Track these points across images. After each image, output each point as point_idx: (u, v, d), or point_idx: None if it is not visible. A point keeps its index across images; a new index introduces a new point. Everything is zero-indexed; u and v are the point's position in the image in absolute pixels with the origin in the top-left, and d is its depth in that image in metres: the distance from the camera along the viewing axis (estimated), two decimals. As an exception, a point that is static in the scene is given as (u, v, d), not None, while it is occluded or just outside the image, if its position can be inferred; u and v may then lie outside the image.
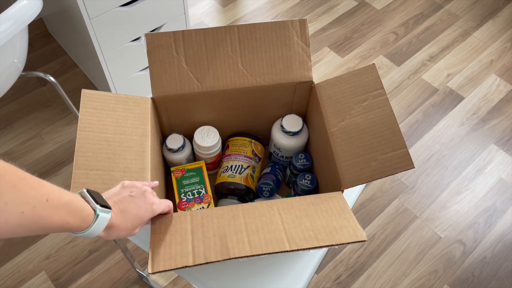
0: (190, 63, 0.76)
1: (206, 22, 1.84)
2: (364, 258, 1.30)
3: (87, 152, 0.65)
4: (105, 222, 0.50)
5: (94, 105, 0.69)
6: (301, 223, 0.61)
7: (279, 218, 0.61)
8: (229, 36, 0.77)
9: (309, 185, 0.81)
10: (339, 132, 0.72)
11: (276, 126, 0.86)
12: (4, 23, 0.93)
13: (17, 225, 0.41)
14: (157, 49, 0.75)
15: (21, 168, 0.42)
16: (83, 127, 0.66)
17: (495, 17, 1.90)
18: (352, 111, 0.73)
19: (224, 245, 0.57)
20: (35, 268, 1.25)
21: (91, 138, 0.66)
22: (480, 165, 1.49)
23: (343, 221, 0.62)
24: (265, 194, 0.84)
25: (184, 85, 0.76)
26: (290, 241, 0.58)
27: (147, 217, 0.57)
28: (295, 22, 0.79)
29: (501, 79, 1.70)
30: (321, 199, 0.66)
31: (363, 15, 1.89)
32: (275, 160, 0.90)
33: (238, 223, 0.60)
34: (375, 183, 1.44)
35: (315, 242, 0.58)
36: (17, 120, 1.53)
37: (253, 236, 0.59)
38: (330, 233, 0.60)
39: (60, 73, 1.64)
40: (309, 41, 0.79)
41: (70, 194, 0.48)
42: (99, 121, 0.68)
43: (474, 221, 1.38)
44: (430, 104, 1.63)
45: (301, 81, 0.78)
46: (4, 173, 0.40)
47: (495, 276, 1.28)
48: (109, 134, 0.67)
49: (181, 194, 0.78)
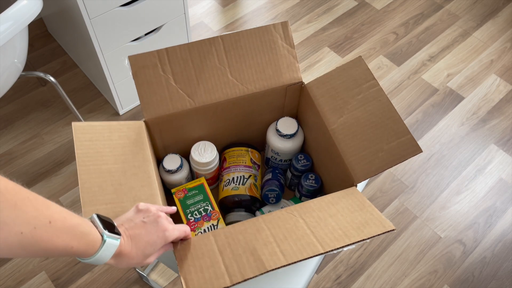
0: (179, 80, 0.74)
1: (206, 22, 1.84)
2: (364, 258, 1.30)
3: (92, 187, 0.62)
4: (113, 248, 0.48)
5: (88, 137, 0.66)
6: (327, 223, 0.60)
7: (303, 222, 0.60)
8: (214, 47, 0.75)
9: (314, 185, 0.81)
10: (340, 128, 0.72)
11: (271, 131, 0.85)
12: (4, 23, 0.93)
13: (17, 245, 0.40)
14: (143, 70, 0.73)
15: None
16: (82, 162, 0.63)
17: (495, 17, 1.90)
18: (349, 106, 0.72)
19: (258, 259, 0.55)
20: (35, 268, 1.25)
21: (93, 172, 0.63)
22: (480, 165, 1.49)
23: (367, 215, 0.61)
24: (271, 201, 0.82)
25: (175, 103, 0.73)
26: (321, 243, 0.57)
27: (160, 244, 0.54)
28: (278, 26, 0.78)
29: (501, 79, 1.70)
30: (338, 197, 0.65)
31: (363, 15, 1.89)
32: (274, 165, 0.89)
33: (264, 235, 0.59)
34: (375, 183, 1.44)
35: (347, 240, 0.57)
36: (17, 120, 1.53)
37: (284, 245, 0.57)
38: (358, 228, 0.59)
39: (60, 73, 1.64)
40: (294, 42, 0.79)
41: (77, 218, 0.46)
42: (97, 152, 0.65)
43: (474, 221, 1.38)
44: (430, 104, 1.63)
45: (291, 83, 0.78)
46: (5, 191, 0.39)
47: (495, 276, 1.28)
48: (111, 165, 0.64)
49: (188, 214, 0.75)
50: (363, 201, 0.64)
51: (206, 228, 0.74)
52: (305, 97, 0.80)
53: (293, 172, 0.85)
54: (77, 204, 1.36)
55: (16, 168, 1.40)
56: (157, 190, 0.64)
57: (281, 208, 0.84)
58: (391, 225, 0.59)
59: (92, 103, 1.58)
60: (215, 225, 0.74)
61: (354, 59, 0.76)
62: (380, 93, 0.71)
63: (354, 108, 0.72)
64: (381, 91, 0.72)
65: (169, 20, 1.40)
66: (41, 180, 1.39)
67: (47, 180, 1.40)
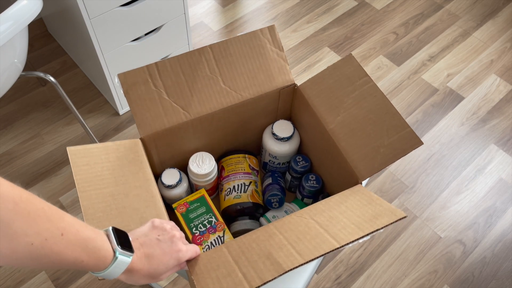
0: (172, 93, 0.73)
1: (206, 22, 1.84)
2: (364, 258, 1.30)
3: (96, 213, 0.60)
4: (124, 266, 0.48)
5: (85, 161, 0.64)
6: (339, 220, 0.59)
7: (315, 223, 0.60)
8: (204, 57, 0.75)
9: (315, 185, 0.81)
10: (338, 127, 0.72)
11: (267, 136, 0.84)
12: (4, 23, 0.93)
13: (26, 256, 0.39)
14: (134, 87, 0.71)
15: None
16: (82, 187, 0.61)
17: (495, 17, 1.90)
18: (345, 104, 0.72)
19: (275, 262, 0.55)
20: (35, 269, 1.25)
21: (94, 197, 0.61)
22: (480, 165, 1.49)
23: (377, 207, 0.61)
24: (274, 205, 0.82)
25: (170, 117, 0.72)
26: (336, 238, 0.56)
27: (172, 264, 0.54)
28: (265, 30, 0.78)
29: (501, 79, 1.70)
30: (345, 196, 0.65)
31: (363, 15, 1.89)
32: (272, 169, 0.89)
33: (278, 240, 0.58)
34: (375, 183, 1.44)
35: (360, 232, 0.57)
36: (17, 120, 1.53)
37: (299, 246, 0.56)
38: (370, 220, 0.59)
39: (60, 73, 1.64)
40: (282, 45, 0.79)
41: (91, 231, 0.45)
42: (96, 176, 0.63)
43: (474, 221, 1.38)
44: (430, 104, 1.63)
45: (284, 86, 0.78)
46: (19, 201, 0.38)
47: (495, 276, 1.28)
48: (112, 188, 0.63)
49: (192, 228, 0.74)
50: (371, 195, 0.64)
51: (212, 240, 0.73)
52: (299, 98, 0.79)
53: (293, 174, 0.85)
54: (77, 204, 1.36)
55: (16, 168, 1.40)
56: (162, 209, 0.63)
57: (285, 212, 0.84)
58: (402, 213, 0.59)
59: (92, 103, 1.58)
60: (221, 237, 0.73)
61: (345, 57, 0.75)
62: (375, 89, 0.71)
63: (350, 106, 0.72)
64: (375, 87, 0.71)
65: (169, 20, 1.40)
66: (41, 180, 1.39)
67: (47, 180, 1.40)
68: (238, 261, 0.56)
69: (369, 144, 0.68)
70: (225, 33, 1.80)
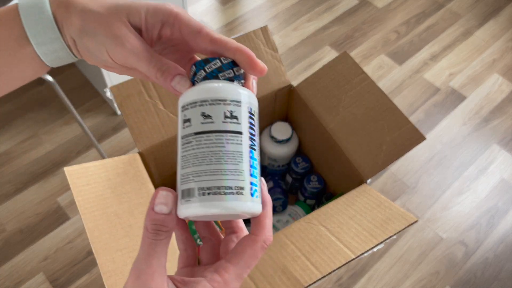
0: (167, 103, 0.71)
1: (206, 21, 1.83)
2: (365, 260, 1.29)
3: (102, 235, 0.58)
4: None
5: (85, 181, 0.62)
6: (350, 227, 0.58)
7: (326, 230, 0.59)
8: None
9: (318, 186, 0.80)
10: (338, 126, 0.70)
11: (265, 139, 0.83)
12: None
13: None
14: (128, 100, 0.69)
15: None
16: (84, 209, 0.59)
17: (497, 16, 1.89)
18: (343, 103, 0.71)
19: (292, 277, 0.53)
20: (33, 269, 1.24)
21: (98, 218, 0.59)
22: (482, 165, 1.48)
23: (387, 211, 0.60)
24: (278, 209, 0.81)
25: (168, 128, 0.70)
26: (350, 248, 0.55)
27: None
28: (258, 32, 0.77)
29: (503, 78, 1.69)
30: (352, 197, 0.64)
31: (364, 14, 1.88)
32: (272, 172, 0.88)
33: (290, 250, 0.56)
34: (376, 184, 1.43)
35: (374, 240, 0.56)
36: (15, 119, 1.51)
37: (313, 257, 0.55)
38: (382, 226, 0.58)
39: (57, 72, 1.63)
40: (276, 46, 0.77)
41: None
42: (97, 196, 0.61)
43: (476, 221, 1.36)
44: (432, 104, 1.62)
45: (280, 87, 0.77)
46: None
47: (498, 277, 1.27)
48: (115, 207, 0.61)
49: (197, 240, 0.73)
50: (378, 197, 0.63)
51: None
52: (296, 99, 0.78)
53: (293, 176, 0.84)
54: (75, 204, 1.35)
55: (14, 168, 1.39)
56: None
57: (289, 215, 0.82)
58: (413, 216, 0.58)
59: (90, 103, 1.57)
60: None
61: (340, 55, 0.74)
62: (373, 86, 0.70)
63: (348, 105, 0.71)
64: (373, 84, 0.70)
65: (168, 19, 1.39)
66: (39, 180, 1.38)
67: (45, 180, 1.38)
68: (253, 277, 0.54)
69: (371, 142, 0.67)
70: (225, 32, 1.79)
